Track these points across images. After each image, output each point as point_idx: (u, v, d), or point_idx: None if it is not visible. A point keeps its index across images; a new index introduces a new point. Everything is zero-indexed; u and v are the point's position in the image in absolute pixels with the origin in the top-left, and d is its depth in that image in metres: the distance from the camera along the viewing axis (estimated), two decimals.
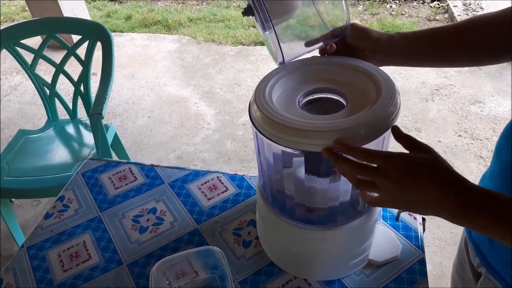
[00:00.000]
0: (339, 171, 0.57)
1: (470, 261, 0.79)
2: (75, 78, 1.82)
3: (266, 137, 0.62)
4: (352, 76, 0.70)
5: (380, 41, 0.71)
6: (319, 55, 0.75)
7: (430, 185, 0.50)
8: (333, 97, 0.70)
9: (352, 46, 0.73)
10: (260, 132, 0.63)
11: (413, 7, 3.93)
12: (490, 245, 0.69)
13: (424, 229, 0.90)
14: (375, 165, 0.53)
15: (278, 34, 0.65)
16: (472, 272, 0.79)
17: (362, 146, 0.55)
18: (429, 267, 0.90)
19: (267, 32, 0.66)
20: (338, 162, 0.55)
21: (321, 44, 0.72)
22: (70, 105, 1.91)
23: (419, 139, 0.56)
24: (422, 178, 0.50)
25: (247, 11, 0.66)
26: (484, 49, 0.69)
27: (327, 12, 0.71)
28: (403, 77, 2.89)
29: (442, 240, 1.80)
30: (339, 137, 0.55)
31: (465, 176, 0.52)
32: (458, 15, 3.55)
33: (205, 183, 1.04)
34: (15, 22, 3.54)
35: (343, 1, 0.67)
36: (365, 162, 0.55)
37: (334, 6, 0.71)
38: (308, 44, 0.72)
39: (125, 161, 1.13)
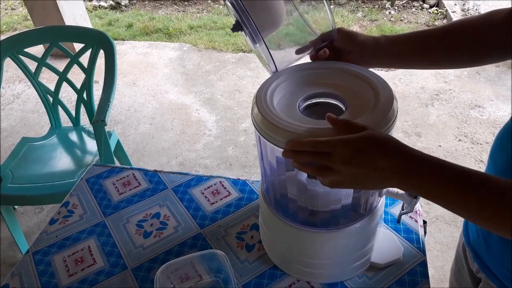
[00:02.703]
0: (298, 166, 0.60)
1: (469, 267, 0.79)
2: (78, 86, 1.84)
3: (268, 141, 0.64)
4: (351, 81, 0.71)
5: (366, 43, 0.73)
6: (310, 61, 0.77)
7: (374, 158, 0.53)
8: (333, 102, 0.71)
9: (339, 49, 0.75)
10: (261, 135, 0.64)
11: (412, 13, 3.96)
12: (487, 250, 0.70)
13: (425, 232, 0.91)
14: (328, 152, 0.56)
15: (268, 45, 0.67)
16: (470, 278, 0.79)
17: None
18: (430, 271, 0.91)
19: (257, 45, 0.68)
20: (296, 157, 0.59)
21: (311, 49, 0.74)
22: (73, 113, 1.93)
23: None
24: (364, 155, 0.54)
25: (236, 27, 0.69)
26: (464, 53, 0.71)
27: (313, 19, 0.74)
28: (403, 82, 2.91)
29: (443, 245, 1.80)
30: (290, 138, 0.59)
31: None
32: None
33: (208, 188, 1.05)
34: (18, 31, 3.57)
35: (326, 7, 0.69)
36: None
37: (319, 12, 0.73)
38: (299, 51, 0.74)
39: (128, 166, 1.15)
